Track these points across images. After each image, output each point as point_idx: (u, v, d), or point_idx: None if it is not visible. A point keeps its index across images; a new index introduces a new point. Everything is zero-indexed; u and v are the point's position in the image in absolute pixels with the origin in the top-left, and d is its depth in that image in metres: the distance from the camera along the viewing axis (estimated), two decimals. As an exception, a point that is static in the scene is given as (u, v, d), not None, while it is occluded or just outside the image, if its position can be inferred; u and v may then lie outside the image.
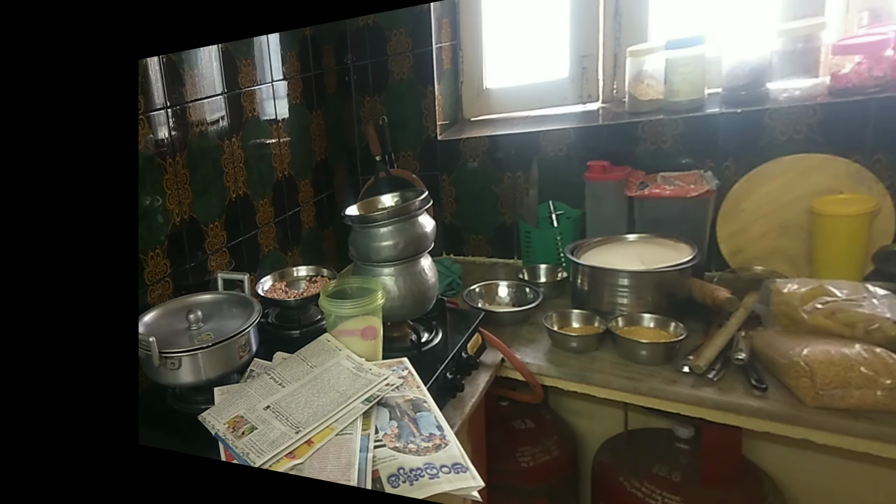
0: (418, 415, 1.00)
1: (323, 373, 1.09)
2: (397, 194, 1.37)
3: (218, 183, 1.53)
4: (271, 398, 1.04)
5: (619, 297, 1.32)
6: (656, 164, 1.54)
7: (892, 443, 0.97)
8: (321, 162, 1.93)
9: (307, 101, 1.84)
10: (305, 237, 1.86)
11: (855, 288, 1.12)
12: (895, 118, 1.31)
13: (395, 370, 1.11)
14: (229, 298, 1.30)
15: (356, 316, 1.14)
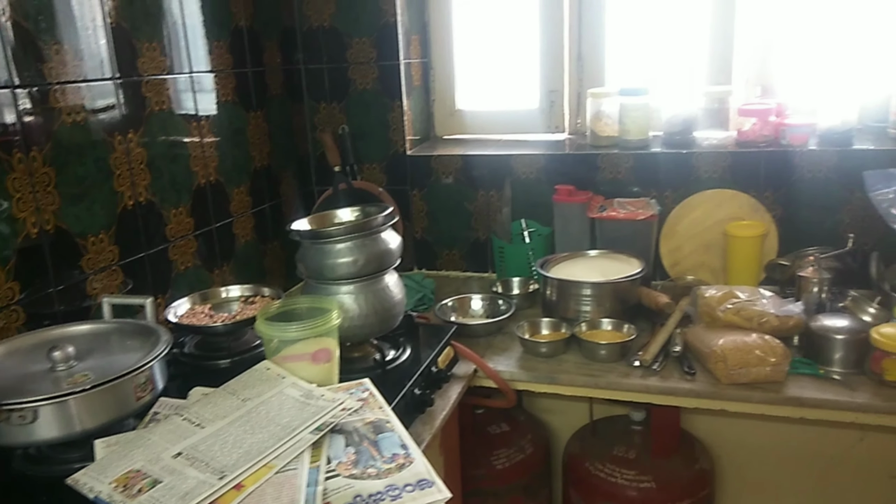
0: (380, 437, 0.99)
1: (259, 406, 1.02)
2: (358, 209, 1.37)
3: (105, 187, 1.33)
4: (184, 443, 0.93)
5: (582, 305, 1.60)
6: (613, 190, 1.88)
7: (778, 404, 1.35)
8: (262, 169, 1.85)
9: (242, 100, 1.75)
10: (240, 252, 1.76)
11: (752, 291, 1.52)
12: (777, 166, 1.75)
13: (354, 392, 1.09)
14: (122, 328, 1.14)
15: (306, 339, 1.10)
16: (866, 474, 1.94)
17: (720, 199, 1.80)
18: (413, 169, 2.05)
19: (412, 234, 2.10)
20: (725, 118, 1.83)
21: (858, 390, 1.34)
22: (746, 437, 1.98)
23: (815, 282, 1.55)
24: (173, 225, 1.55)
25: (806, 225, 1.77)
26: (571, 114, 2.09)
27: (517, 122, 2.14)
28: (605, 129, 1.93)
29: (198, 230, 1.63)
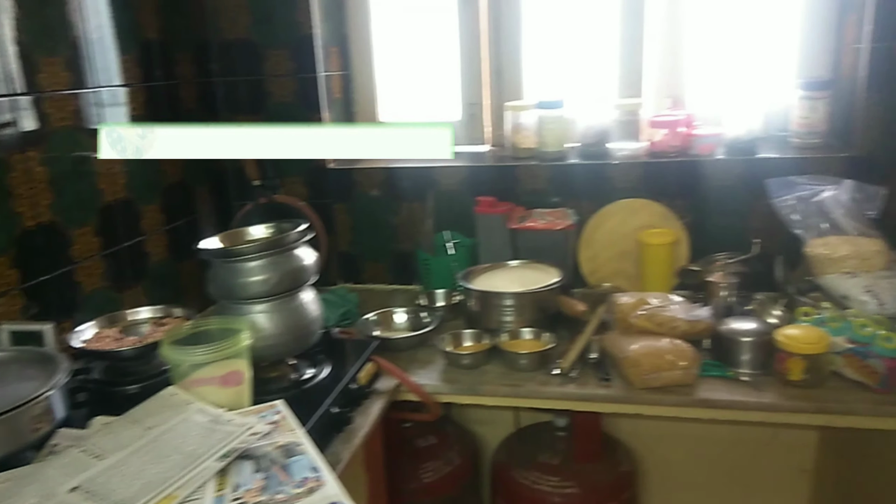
0: (290, 460, 0.98)
1: (164, 434, 0.99)
2: (272, 225, 1.35)
3: (2, 209, 1.29)
4: (82, 476, 0.90)
5: (504, 315, 1.61)
6: (533, 201, 1.92)
7: (690, 407, 1.39)
8: (176, 184, 1.82)
9: (154, 115, 1.72)
10: (154, 272, 1.72)
11: (663, 297, 1.57)
12: (687, 175, 1.82)
13: (266, 415, 1.07)
14: (20, 356, 1.10)
15: (215, 362, 1.08)
16: (780, 469, 2.03)
17: (634, 208, 1.85)
18: (335, 182, 2.04)
19: (336, 248, 2.08)
20: (637, 130, 1.89)
21: (765, 390, 1.40)
22: (667, 438, 2.04)
23: (722, 286, 1.61)
24: (79, 245, 1.50)
25: (715, 231, 1.84)
26: (493, 126, 2.11)
27: (439, 134, 2.14)
28: (523, 140, 1.96)
29: (106, 250, 1.58)
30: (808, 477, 2.03)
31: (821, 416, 1.37)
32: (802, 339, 1.38)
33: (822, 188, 1.58)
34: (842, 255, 1.52)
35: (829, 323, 1.43)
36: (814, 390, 1.37)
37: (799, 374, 1.38)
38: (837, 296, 1.52)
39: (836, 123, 1.82)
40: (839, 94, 1.79)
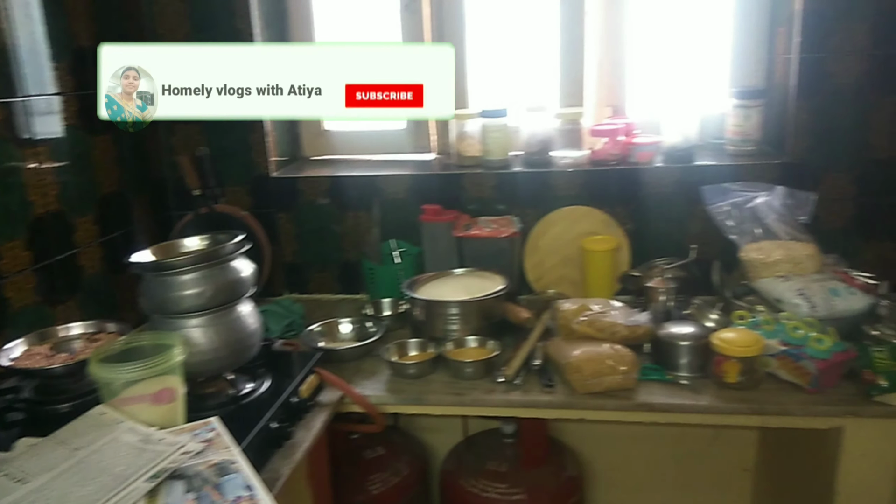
0: (223, 479, 0.96)
1: (91, 455, 0.97)
2: (208, 236, 1.33)
3: None
4: (3, 501, 0.88)
5: (449, 323, 1.62)
6: (479, 209, 1.92)
7: (630, 410, 1.42)
8: (112, 195, 1.78)
9: (86, 124, 1.66)
10: (88, 286, 1.68)
11: (604, 303, 1.59)
12: (627, 182, 1.85)
13: (199, 433, 1.05)
14: None
15: (146, 379, 1.06)
16: (723, 468, 2.08)
17: (576, 215, 1.88)
18: (279, 191, 2.00)
19: (281, 258, 2.05)
20: (579, 138, 1.92)
21: (702, 393, 1.43)
22: (614, 440, 2.07)
23: (661, 291, 1.65)
24: (7, 260, 1.45)
25: (655, 237, 1.88)
26: (438, 135, 2.12)
27: (385, 142, 2.15)
28: (468, 149, 1.97)
29: (37, 264, 1.53)
30: (750, 475, 2.08)
31: (756, 417, 1.40)
32: (737, 342, 1.41)
33: (756, 194, 1.63)
34: (775, 259, 1.57)
35: (763, 326, 1.47)
36: (749, 392, 1.41)
37: (735, 377, 1.41)
38: (771, 299, 1.56)
39: (770, 131, 1.88)
40: (772, 102, 1.85)
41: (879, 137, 1.74)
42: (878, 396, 1.34)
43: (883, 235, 1.80)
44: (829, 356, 1.36)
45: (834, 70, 1.71)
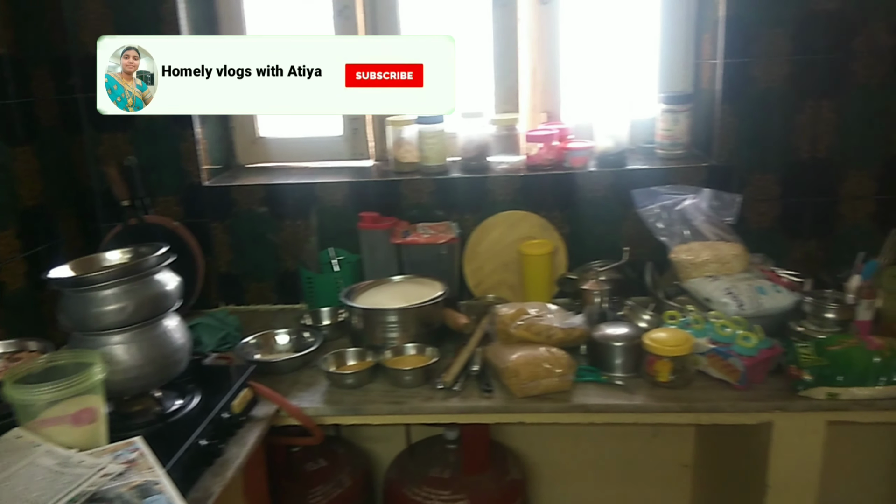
0: (146, 500, 0.94)
1: (5, 481, 0.94)
2: (130, 250, 1.31)
3: None
4: None
5: (388, 331, 1.60)
6: (418, 215, 1.92)
7: (567, 412, 1.43)
8: (34, 208, 1.73)
9: (4, 134, 1.64)
10: (10, 302, 1.62)
11: (541, 307, 1.60)
12: (562, 187, 1.87)
13: (122, 454, 1.02)
14: None
15: (65, 399, 1.02)
16: (663, 465, 2.12)
17: (514, 220, 1.89)
18: (212, 200, 1.95)
19: (216, 269, 2.00)
20: (515, 144, 1.93)
21: (636, 393, 1.45)
22: (556, 441, 2.09)
23: (596, 294, 1.67)
24: (-79, 279, 1.38)
25: (591, 240, 1.90)
26: (376, 141, 2.11)
27: (322, 149, 2.12)
28: (406, 155, 1.96)
29: (-47, 281, 1.46)
30: (689, 471, 2.13)
31: (688, 414, 1.43)
32: (668, 341, 1.44)
33: (684, 197, 1.67)
34: (703, 259, 1.61)
35: (693, 325, 1.50)
36: (681, 390, 1.44)
37: (666, 376, 1.44)
38: (701, 299, 1.60)
39: (698, 135, 1.94)
40: (699, 106, 1.90)
41: (802, 139, 1.81)
42: (804, 391, 1.38)
43: (807, 234, 1.87)
44: (755, 353, 1.41)
45: (757, 74, 1.77)
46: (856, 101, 1.77)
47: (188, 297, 1.88)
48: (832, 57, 1.75)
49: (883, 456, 2.03)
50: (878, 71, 1.74)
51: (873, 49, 1.73)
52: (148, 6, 1.82)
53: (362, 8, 1.98)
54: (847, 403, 1.37)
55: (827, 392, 1.37)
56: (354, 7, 1.97)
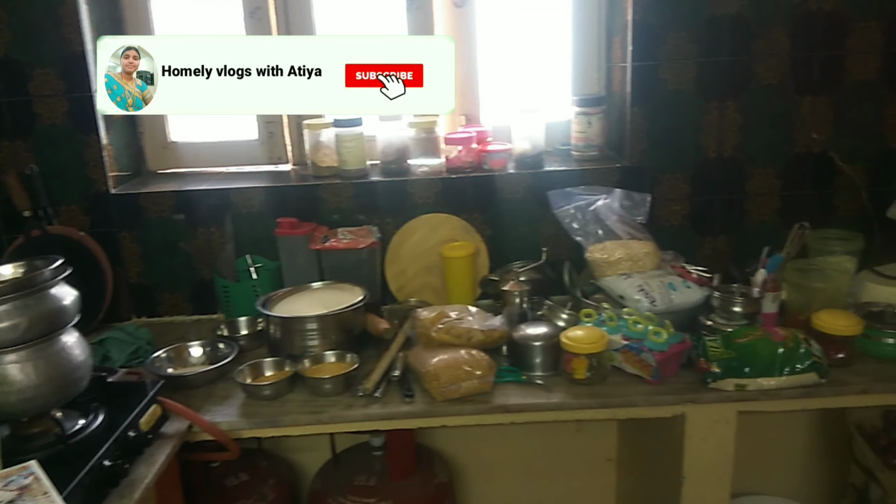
0: None
1: None
2: (23, 263, 1.25)
3: None
4: None
5: (307, 339, 1.58)
6: (337, 220, 1.89)
7: (488, 413, 1.44)
8: None
9: None
10: None
11: (462, 309, 1.61)
12: (482, 189, 1.88)
13: (15, 479, 0.99)
14: None
15: None
16: (588, 459, 2.17)
17: (435, 222, 1.89)
18: (120, 208, 1.87)
19: (126, 280, 1.92)
20: (435, 146, 1.93)
21: (555, 391, 1.47)
22: (483, 441, 2.10)
23: (516, 294, 1.68)
24: None
25: (512, 241, 1.92)
26: (294, 145, 2.07)
27: (237, 153, 2.07)
28: (324, 159, 1.93)
29: None
30: (613, 465, 2.17)
31: (604, 410, 1.46)
32: (584, 339, 1.47)
33: (597, 197, 1.71)
34: (617, 258, 1.64)
35: (607, 322, 1.53)
36: (597, 387, 1.47)
37: (583, 373, 1.46)
38: (616, 296, 1.64)
39: (612, 136, 1.98)
40: (611, 109, 1.95)
41: (709, 139, 1.87)
42: (713, 383, 1.43)
43: (716, 230, 1.94)
44: (666, 348, 1.45)
45: (665, 77, 1.82)
46: (758, 101, 1.85)
47: (96, 310, 1.82)
48: (735, 59, 1.82)
49: (795, 442, 2.13)
50: (778, 72, 1.83)
51: (773, 51, 1.81)
52: (43, 7, 1.73)
53: (275, 9, 1.94)
54: (754, 394, 1.43)
55: (735, 383, 1.42)
56: (267, 8, 1.93)
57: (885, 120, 1.88)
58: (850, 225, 1.87)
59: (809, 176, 1.90)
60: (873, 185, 1.90)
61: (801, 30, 1.80)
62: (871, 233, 1.83)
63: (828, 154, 1.87)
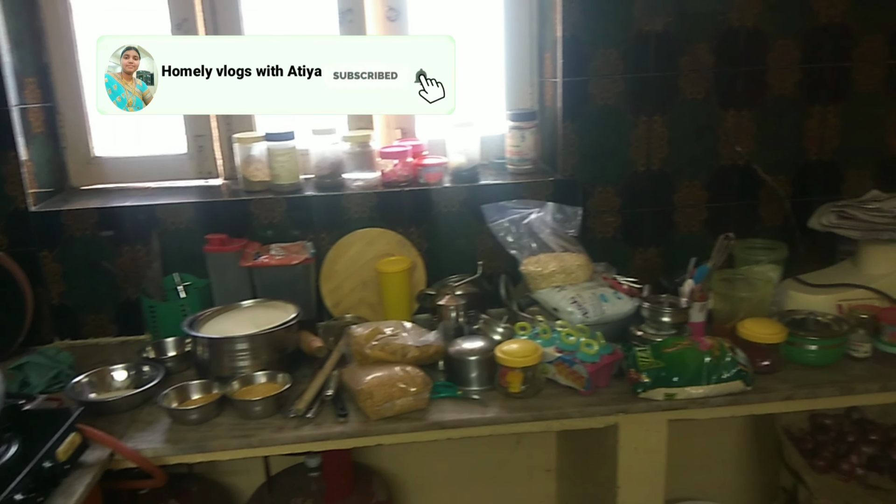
0: None
1: None
2: None
3: None
4: None
5: (237, 360, 1.53)
6: (272, 236, 1.85)
7: (423, 431, 1.42)
8: None
9: None
10: None
11: (397, 325, 1.59)
12: (418, 203, 1.88)
13: None
14: None
15: None
16: (528, 471, 2.17)
17: (370, 237, 1.87)
18: (40, 227, 1.80)
19: (48, 301, 1.84)
20: (370, 160, 1.92)
21: (491, 405, 1.47)
22: (423, 456, 2.08)
23: (452, 308, 1.68)
24: None
25: (449, 255, 1.92)
26: (225, 159, 2.02)
27: (165, 168, 2.01)
28: (256, 174, 1.90)
29: None
30: (553, 475, 2.19)
31: (539, 422, 1.46)
32: (518, 353, 1.47)
33: (530, 211, 1.72)
34: (550, 270, 1.66)
35: (541, 335, 1.54)
36: (532, 399, 1.48)
37: (518, 386, 1.47)
38: (550, 309, 1.65)
39: (546, 150, 2.01)
40: (544, 123, 1.98)
41: (638, 153, 1.91)
42: (643, 393, 1.45)
43: (647, 242, 1.98)
44: (598, 359, 1.46)
45: (594, 92, 1.86)
46: (684, 115, 1.90)
47: (16, 333, 1.74)
48: (661, 75, 1.87)
49: (728, 447, 2.19)
50: (702, 87, 1.88)
51: (697, 66, 1.87)
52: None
53: (203, 21, 1.90)
54: (683, 402, 1.45)
55: (664, 393, 1.44)
56: (195, 20, 1.89)
57: (804, 132, 1.96)
58: (774, 235, 1.94)
59: (735, 187, 1.97)
60: (795, 195, 1.97)
61: (724, 46, 1.86)
62: (794, 242, 1.91)
63: (751, 166, 1.93)
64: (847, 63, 1.92)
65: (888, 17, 1.89)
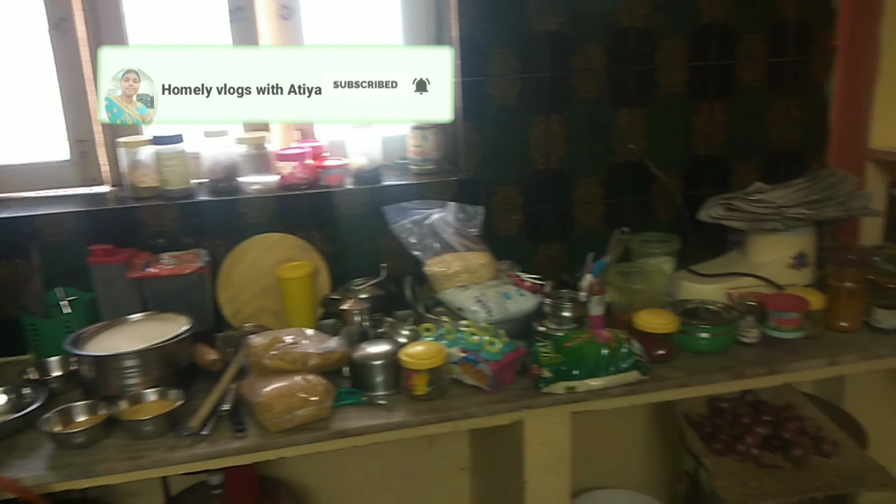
0: None
1: None
2: None
3: None
4: None
5: (126, 378, 1.44)
6: (164, 244, 1.76)
7: (327, 440, 1.39)
8: None
9: None
10: None
11: (297, 332, 1.55)
12: (320, 206, 1.83)
13: None
14: None
15: None
16: (442, 471, 2.17)
17: (270, 242, 1.81)
18: None
19: (-87, 323, 1.68)
20: (267, 163, 1.86)
21: (397, 410, 1.45)
22: (333, 463, 2.05)
23: (356, 313, 1.65)
24: None
25: (353, 258, 1.88)
26: (111, 165, 1.91)
27: (45, 176, 1.89)
28: (143, 179, 1.80)
29: None
30: (467, 474, 2.19)
31: (446, 424, 1.45)
32: (422, 355, 1.46)
33: (432, 211, 1.72)
34: (454, 270, 1.66)
35: (446, 336, 1.53)
36: (437, 401, 1.47)
37: (423, 389, 1.45)
38: (455, 308, 1.65)
39: (448, 150, 2.01)
40: (446, 124, 1.97)
41: (536, 151, 1.94)
42: (546, 388, 1.47)
43: (549, 238, 2.01)
44: (500, 357, 1.47)
45: (493, 92, 1.87)
46: (580, 114, 1.94)
47: None
48: (556, 75, 1.90)
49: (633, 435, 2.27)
50: (595, 86, 1.93)
51: (589, 66, 1.91)
52: None
53: (84, 23, 1.79)
54: (584, 395, 1.48)
55: (566, 386, 1.47)
56: (73, 20, 1.77)
57: (693, 128, 2.04)
58: (668, 228, 2.01)
59: (629, 183, 2.03)
60: (686, 189, 2.05)
61: (615, 46, 1.92)
62: (687, 234, 1.98)
63: (644, 162, 2.00)
64: (731, 61, 2.01)
65: (767, 17, 2.00)
